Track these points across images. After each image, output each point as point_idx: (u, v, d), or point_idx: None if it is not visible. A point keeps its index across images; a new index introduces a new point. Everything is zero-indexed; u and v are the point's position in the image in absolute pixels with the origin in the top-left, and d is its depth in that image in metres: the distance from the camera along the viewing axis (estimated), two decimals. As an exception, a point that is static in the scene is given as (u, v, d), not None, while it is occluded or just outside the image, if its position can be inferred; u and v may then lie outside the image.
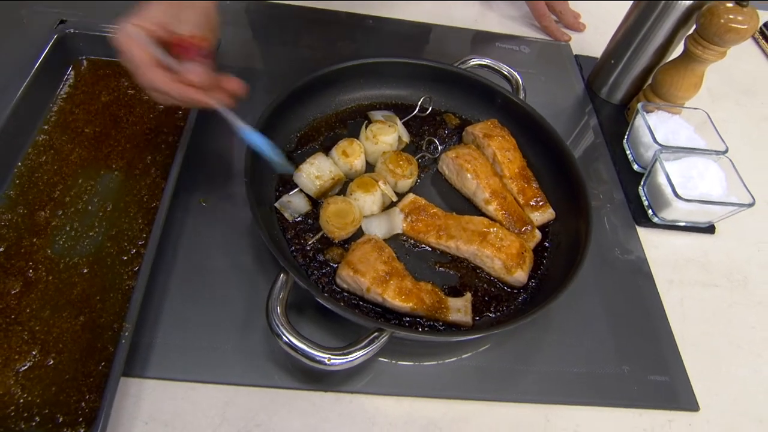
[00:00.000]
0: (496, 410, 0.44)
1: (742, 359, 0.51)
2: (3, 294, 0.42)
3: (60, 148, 0.52)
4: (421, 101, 0.61)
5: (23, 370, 0.39)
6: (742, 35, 0.54)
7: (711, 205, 0.55)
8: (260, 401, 0.41)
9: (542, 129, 0.58)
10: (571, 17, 0.82)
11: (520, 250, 0.49)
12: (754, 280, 0.57)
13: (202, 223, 0.50)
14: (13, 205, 0.47)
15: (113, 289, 0.44)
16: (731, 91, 0.77)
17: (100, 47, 0.59)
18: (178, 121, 0.57)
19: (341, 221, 0.48)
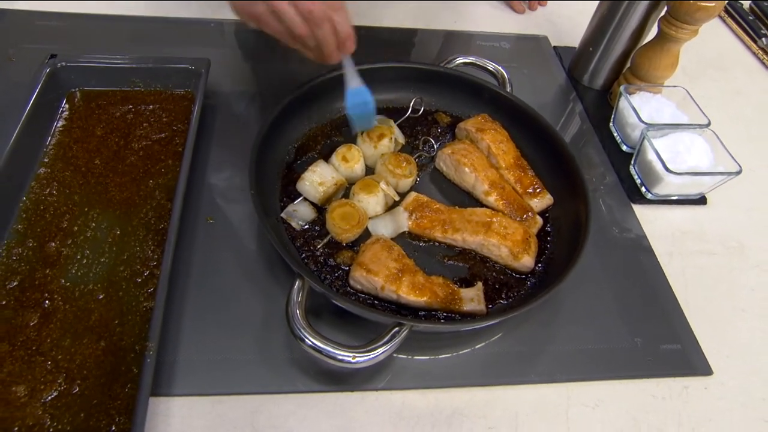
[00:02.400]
0: (519, 393, 0.45)
1: (747, 321, 0.52)
2: (22, 327, 0.43)
3: (62, 180, 0.53)
4: (413, 103, 0.62)
5: (50, 400, 0.39)
6: (711, 12, 0.57)
7: (701, 176, 0.57)
8: (287, 407, 0.42)
9: (532, 119, 0.59)
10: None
11: (524, 236, 0.50)
12: (749, 245, 0.59)
13: (211, 240, 0.51)
14: (23, 238, 0.48)
15: (131, 312, 0.44)
16: (705, 68, 0.80)
17: (92, 78, 0.60)
18: (176, 146, 0.57)
19: (347, 224, 0.49)
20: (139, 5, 0.74)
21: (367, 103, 0.52)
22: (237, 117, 0.62)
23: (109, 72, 0.60)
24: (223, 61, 0.67)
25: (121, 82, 0.61)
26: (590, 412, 0.44)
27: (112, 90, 0.61)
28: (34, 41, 0.67)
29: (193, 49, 0.70)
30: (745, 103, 0.76)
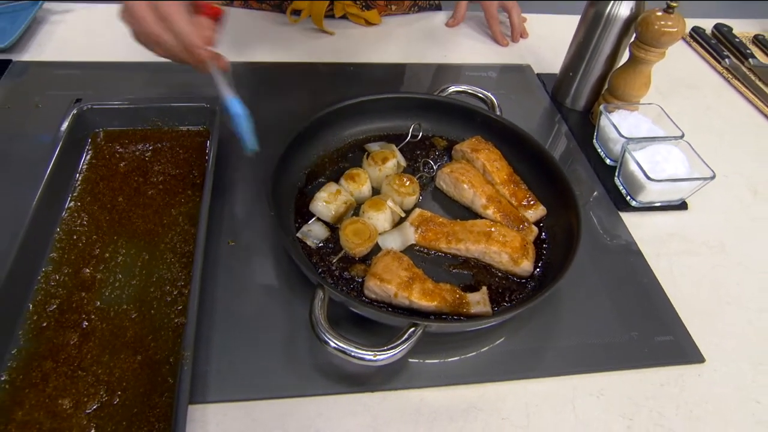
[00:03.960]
0: (527, 386, 0.48)
1: (734, 313, 0.56)
2: (63, 345, 0.46)
3: (91, 212, 0.57)
4: (411, 129, 0.67)
5: (94, 410, 0.42)
6: (674, 36, 0.63)
7: (679, 183, 0.62)
8: (315, 409, 0.45)
9: (521, 138, 0.65)
10: (516, 16, 0.92)
11: (522, 243, 0.54)
12: (729, 244, 0.63)
13: (234, 261, 0.55)
14: (58, 265, 0.51)
15: (163, 328, 0.48)
16: (677, 87, 0.86)
17: (114, 118, 0.65)
18: (194, 179, 0.62)
19: (360, 239, 0.53)
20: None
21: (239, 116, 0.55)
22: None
23: (130, 112, 0.65)
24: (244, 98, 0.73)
25: (140, 122, 0.66)
26: (595, 400, 0.48)
27: (133, 129, 0.66)
28: (56, 89, 0.72)
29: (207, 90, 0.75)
30: (715, 117, 0.82)
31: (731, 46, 0.95)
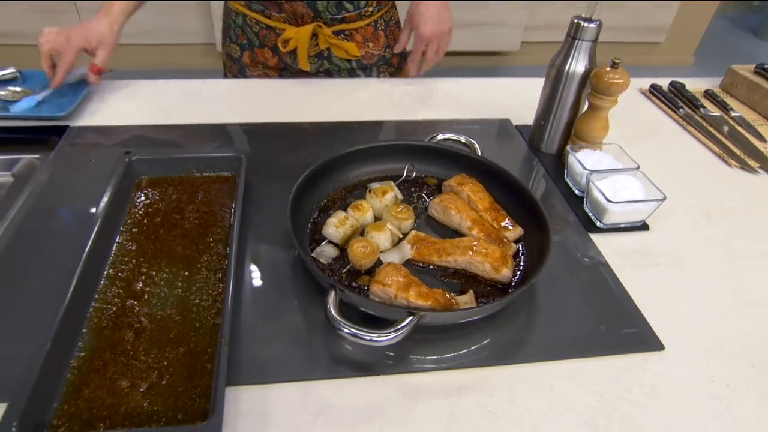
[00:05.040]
0: (510, 371, 0.56)
1: (689, 311, 0.65)
2: (120, 341, 0.55)
3: (138, 241, 0.67)
4: (406, 170, 0.79)
5: (146, 389, 0.51)
6: (621, 86, 0.76)
7: (636, 204, 0.72)
8: (330, 389, 0.53)
9: (499, 173, 0.76)
10: (432, 51, 1.04)
11: (502, 254, 0.64)
12: (687, 258, 0.73)
13: (260, 276, 0.64)
14: (113, 281, 0.61)
15: (202, 327, 0.57)
16: (640, 134, 0.99)
17: (156, 167, 0.77)
18: (224, 214, 0.73)
19: (364, 253, 0.64)
20: (187, 116, 0.94)
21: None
22: (269, 190, 0.78)
23: (169, 162, 0.78)
24: (256, 151, 0.86)
25: (178, 170, 0.78)
26: (569, 381, 0.56)
27: (171, 176, 0.78)
28: (105, 147, 0.85)
29: (233, 143, 0.89)
30: (673, 156, 0.94)
31: (685, 99, 1.09)
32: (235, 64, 1.12)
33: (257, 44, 1.07)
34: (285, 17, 1.01)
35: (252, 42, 1.07)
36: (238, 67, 1.12)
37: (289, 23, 1.02)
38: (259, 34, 1.05)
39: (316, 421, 0.51)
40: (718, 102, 1.09)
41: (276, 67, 1.10)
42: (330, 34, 1.03)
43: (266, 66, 1.10)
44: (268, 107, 0.99)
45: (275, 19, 1.02)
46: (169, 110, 0.96)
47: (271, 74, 1.11)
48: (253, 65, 1.10)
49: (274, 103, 1.01)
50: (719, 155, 0.94)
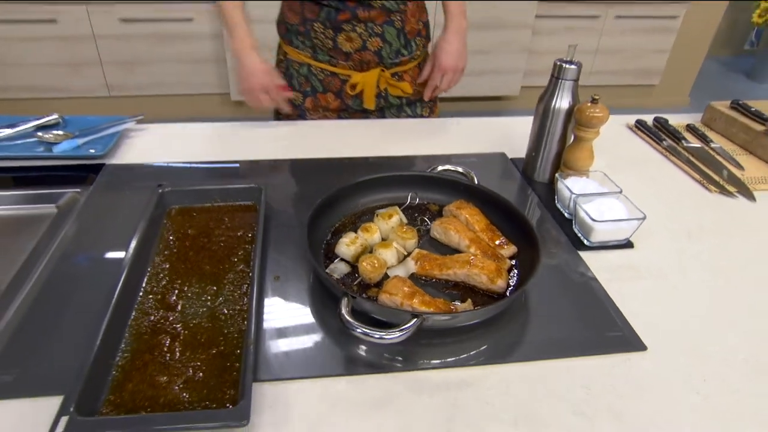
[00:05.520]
0: (507, 368, 0.63)
1: (669, 317, 0.71)
2: (158, 344, 0.62)
3: (171, 262, 0.75)
4: (409, 197, 0.88)
5: (182, 383, 0.58)
6: (602, 119, 0.85)
7: (619, 223, 0.80)
8: (345, 384, 0.60)
9: (494, 198, 0.84)
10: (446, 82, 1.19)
11: (497, 266, 0.72)
12: (669, 272, 0.79)
13: (279, 288, 0.72)
14: (150, 294, 0.69)
15: (229, 333, 0.64)
16: (626, 164, 1.07)
17: (185, 198, 0.86)
18: (246, 238, 0.81)
19: (373, 268, 0.71)
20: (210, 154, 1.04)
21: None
22: (288, 217, 0.87)
23: (197, 193, 0.87)
24: (275, 184, 0.94)
25: (204, 200, 0.87)
26: (559, 377, 0.62)
27: (199, 206, 0.87)
28: (138, 182, 0.94)
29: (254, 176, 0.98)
30: (657, 184, 1.01)
31: (668, 133, 1.18)
32: (294, 109, 1.24)
33: (321, 90, 1.20)
34: (351, 65, 1.16)
35: (316, 88, 1.21)
36: (298, 112, 1.25)
37: (354, 70, 1.17)
38: (323, 81, 1.19)
39: (332, 411, 0.57)
40: (698, 135, 1.18)
41: (336, 109, 1.23)
42: (389, 77, 1.19)
43: (327, 109, 1.23)
44: (289, 144, 1.09)
45: (341, 66, 1.17)
46: (195, 150, 1.06)
47: (330, 116, 1.24)
48: (314, 109, 1.23)
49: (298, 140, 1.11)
50: (700, 182, 1.02)
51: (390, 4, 1.10)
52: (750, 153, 1.12)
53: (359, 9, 1.09)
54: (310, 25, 1.13)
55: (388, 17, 1.12)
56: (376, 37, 1.13)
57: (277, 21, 1.24)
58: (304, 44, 1.17)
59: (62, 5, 2.77)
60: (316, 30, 1.13)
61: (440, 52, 1.19)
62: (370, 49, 1.14)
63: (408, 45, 1.19)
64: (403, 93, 1.23)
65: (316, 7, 1.11)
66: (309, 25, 1.14)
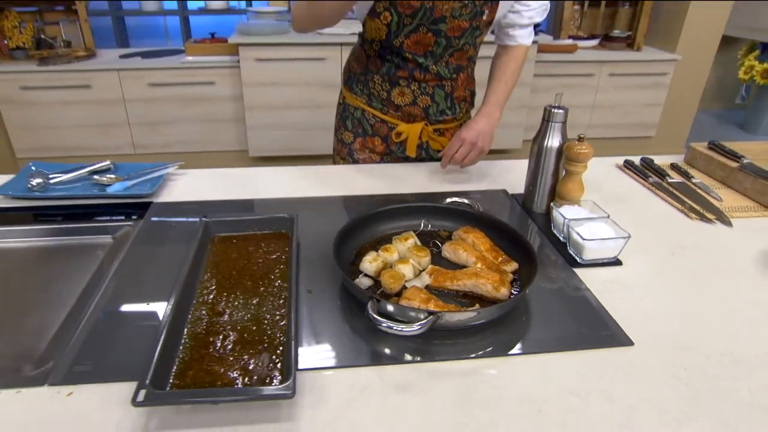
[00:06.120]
0: (511, 360, 0.72)
1: (654, 319, 0.81)
2: (212, 342, 0.72)
3: (218, 279, 0.87)
4: (422, 224, 1.00)
5: (235, 372, 0.68)
6: (588, 155, 0.99)
7: (606, 241, 0.91)
8: (371, 373, 0.69)
9: (496, 223, 0.96)
10: (470, 158, 1.24)
11: (500, 277, 0.82)
12: (653, 283, 0.90)
13: (313, 299, 0.83)
14: (202, 305, 0.80)
15: (273, 333, 0.74)
16: (616, 199, 1.19)
17: (226, 228, 0.99)
18: (281, 259, 0.93)
19: (393, 279, 0.82)
20: (244, 193, 1.17)
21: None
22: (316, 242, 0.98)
23: (236, 223, 0.99)
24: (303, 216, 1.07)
25: (243, 229, 0.99)
26: (557, 367, 0.71)
27: (238, 234, 0.99)
28: (181, 216, 1.08)
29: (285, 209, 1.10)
30: (644, 214, 1.13)
31: (654, 171, 1.31)
32: (344, 147, 1.40)
33: (370, 133, 1.37)
34: (399, 115, 1.32)
35: (366, 131, 1.37)
36: (347, 149, 1.40)
37: (401, 120, 1.33)
38: (373, 126, 1.35)
39: (360, 395, 0.66)
40: (681, 172, 1.30)
41: (381, 152, 1.38)
42: (431, 131, 1.35)
43: (373, 151, 1.39)
44: (314, 184, 1.22)
45: (390, 115, 1.33)
46: (230, 189, 1.20)
47: (374, 158, 1.39)
48: (362, 150, 1.39)
49: (323, 180, 1.25)
50: (682, 210, 1.13)
51: (443, 71, 1.26)
52: (727, 186, 1.24)
53: (416, 71, 1.24)
54: (371, 76, 1.30)
55: (440, 81, 1.27)
56: (426, 96, 1.29)
57: (343, 69, 1.42)
58: (362, 91, 1.33)
59: (97, 72, 3.02)
60: (375, 81, 1.30)
61: (464, 126, 1.27)
62: (419, 105, 1.30)
63: (453, 107, 1.34)
64: (442, 148, 1.36)
65: (379, 61, 1.27)
66: (369, 76, 1.30)
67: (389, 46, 1.22)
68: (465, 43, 1.23)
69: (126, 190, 1.16)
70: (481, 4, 1.16)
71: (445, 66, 1.25)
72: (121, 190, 1.16)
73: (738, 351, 0.75)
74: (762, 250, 0.99)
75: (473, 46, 1.27)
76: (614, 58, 3.41)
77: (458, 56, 1.26)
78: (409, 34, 1.18)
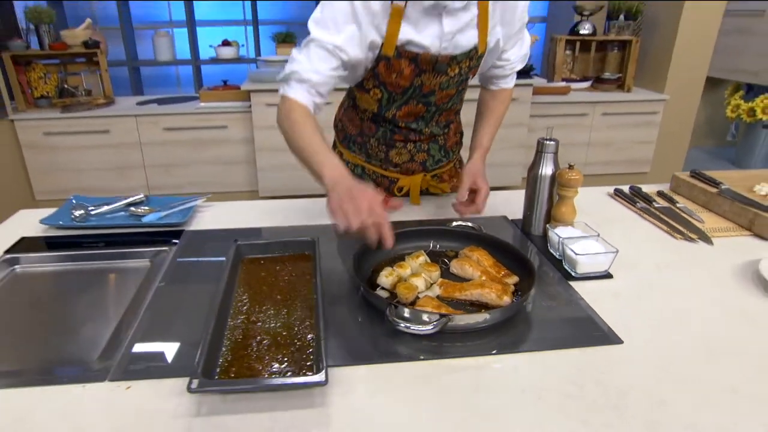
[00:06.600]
0: (514, 357, 0.82)
1: (640, 323, 0.90)
2: (250, 345, 0.82)
3: (250, 294, 0.97)
4: (431, 245, 1.11)
5: (276, 369, 0.77)
6: (578, 181, 1.10)
7: (596, 256, 1.01)
8: (390, 369, 0.79)
9: (498, 242, 1.07)
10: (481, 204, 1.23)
11: (503, 287, 0.93)
12: (641, 293, 0.99)
13: (336, 309, 0.93)
14: (238, 314, 0.90)
15: (302, 336, 0.84)
16: (607, 223, 1.30)
17: (255, 251, 1.09)
18: (306, 276, 1.03)
19: (408, 290, 0.92)
20: (267, 222, 1.28)
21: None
22: (336, 263, 1.09)
23: (264, 246, 1.10)
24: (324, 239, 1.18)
25: (270, 251, 1.10)
26: (556, 361, 0.80)
27: (266, 256, 1.10)
28: (211, 241, 1.19)
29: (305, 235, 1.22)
30: (633, 235, 1.24)
31: (641, 197, 1.42)
32: None
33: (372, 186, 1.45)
34: (399, 170, 1.40)
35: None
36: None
37: (401, 174, 1.41)
38: (375, 180, 1.43)
39: (383, 386, 0.76)
40: (667, 198, 1.42)
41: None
42: (430, 179, 1.44)
43: None
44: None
45: (390, 171, 1.40)
46: (253, 219, 1.31)
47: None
48: None
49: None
50: (667, 231, 1.24)
51: (436, 130, 1.34)
52: (709, 210, 1.35)
53: (411, 134, 1.32)
54: (367, 139, 1.35)
55: (433, 137, 1.36)
56: (422, 153, 1.38)
57: (335, 124, 1.44)
58: (360, 150, 1.39)
59: (116, 118, 3.20)
60: (371, 144, 1.35)
61: (475, 173, 1.27)
62: (416, 161, 1.37)
63: (447, 154, 1.42)
64: (442, 191, 1.47)
65: (374, 126, 1.32)
66: (365, 139, 1.36)
67: (381, 116, 1.28)
68: (453, 104, 1.31)
69: (159, 220, 1.28)
70: (466, 71, 1.21)
71: (436, 125, 1.33)
72: (155, 220, 1.28)
73: (713, 344, 0.84)
74: (739, 265, 1.10)
75: (460, 101, 1.37)
76: (606, 98, 3.59)
77: (447, 114, 1.33)
78: (400, 106, 1.24)
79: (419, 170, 1.41)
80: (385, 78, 1.18)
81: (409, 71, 1.16)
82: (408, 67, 1.15)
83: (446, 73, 1.18)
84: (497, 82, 1.38)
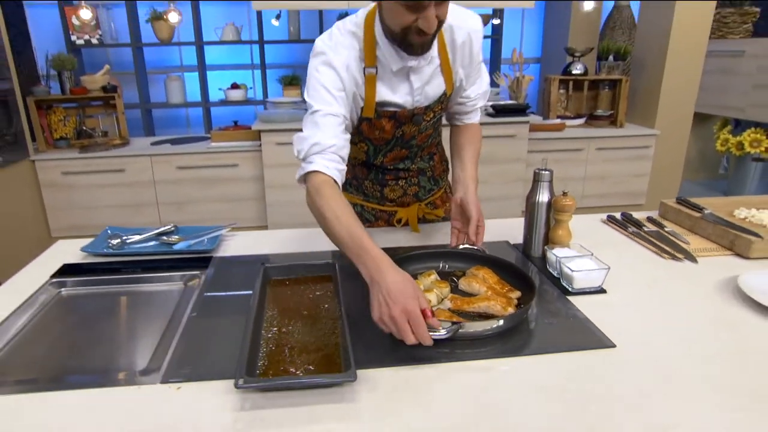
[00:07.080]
0: (517, 360, 0.91)
1: (633, 330, 1.00)
2: (283, 352, 0.92)
3: (279, 309, 1.07)
4: (440, 265, 1.22)
5: (307, 370, 0.87)
6: (572, 207, 1.23)
7: (590, 272, 1.12)
8: (409, 370, 0.89)
9: (500, 262, 1.18)
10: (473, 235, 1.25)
11: (507, 300, 1.03)
12: (632, 305, 1.10)
13: (357, 322, 1.03)
14: (270, 326, 1.00)
15: (329, 345, 0.94)
16: (600, 246, 1.41)
17: (281, 273, 1.20)
18: (328, 293, 1.14)
19: (422, 304, 1.03)
20: (287, 248, 1.40)
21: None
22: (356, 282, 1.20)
23: (289, 267, 1.21)
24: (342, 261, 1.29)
25: (294, 273, 1.21)
26: (554, 363, 0.90)
27: (291, 277, 1.21)
28: (237, 268, 1.30)
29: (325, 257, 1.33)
30: (625, 257, 1.35)
31: (632, 223, 1.54)
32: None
33: (373, 220, 1.58)
34: (395, 203, 1.52)
35: (369, 220, 1.57)
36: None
37: (398, 206, 1.54)
38: (374, 215, 1.56)
39: (403, 384, 0.85)
40: (656, 223, 1.54)
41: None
42: (425, 207, 1.57)
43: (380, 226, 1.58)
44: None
45: (387, 205, 1.52)
46: (274, 246, 1.43)
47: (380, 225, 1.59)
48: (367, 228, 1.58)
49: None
50: (656, 252, 1.35)
51: (422, 164, 1.47)
52: (694, 233, 1.47)
53: (400, 172, 1.45)
54: (361, 181, 1.48)
55: (421, 171, 1.48)
56: (414, 186, 1.52)
57: None
58: (357, 191, 1.51)
59: (132, 158, 3.35)
60: (366, 186, 1.49)
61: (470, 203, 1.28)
62: (409, 194, 1.50)
63: (437, 182, 1.54)
64: (437, 217, 1.60)
65: (365, 170, 1.46)
66: (360, 181, 1.49)
67: (371, 163, 1.42)
68: (432, 139, 1.43)
69: (189, 247, 1.39)
70: (440, 112, 1.35)
71: (421, 160, 1.46)
72: (185, 248, 1.39)
73: (695, 348, 0.94)
74: (721, 280, 1.20)
75: (438, 135, 1.48)
76: (600, 134, 3.76)
77: (428, 149, 1.46)
78: (386, 154, 1.38)
79: (413, 201, 1.54)
80: (368, 134, 1.32)
81: (390, 126, 1.30)
82: (388, 123, 1.30)
83: (423, 120, 1.34)
84: (461, 118, 1.48)
